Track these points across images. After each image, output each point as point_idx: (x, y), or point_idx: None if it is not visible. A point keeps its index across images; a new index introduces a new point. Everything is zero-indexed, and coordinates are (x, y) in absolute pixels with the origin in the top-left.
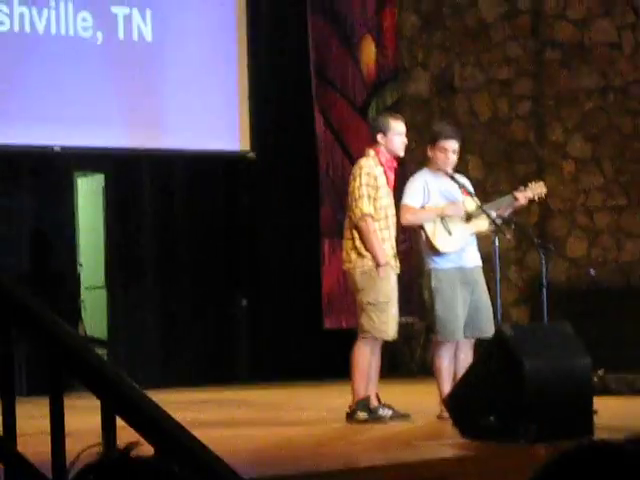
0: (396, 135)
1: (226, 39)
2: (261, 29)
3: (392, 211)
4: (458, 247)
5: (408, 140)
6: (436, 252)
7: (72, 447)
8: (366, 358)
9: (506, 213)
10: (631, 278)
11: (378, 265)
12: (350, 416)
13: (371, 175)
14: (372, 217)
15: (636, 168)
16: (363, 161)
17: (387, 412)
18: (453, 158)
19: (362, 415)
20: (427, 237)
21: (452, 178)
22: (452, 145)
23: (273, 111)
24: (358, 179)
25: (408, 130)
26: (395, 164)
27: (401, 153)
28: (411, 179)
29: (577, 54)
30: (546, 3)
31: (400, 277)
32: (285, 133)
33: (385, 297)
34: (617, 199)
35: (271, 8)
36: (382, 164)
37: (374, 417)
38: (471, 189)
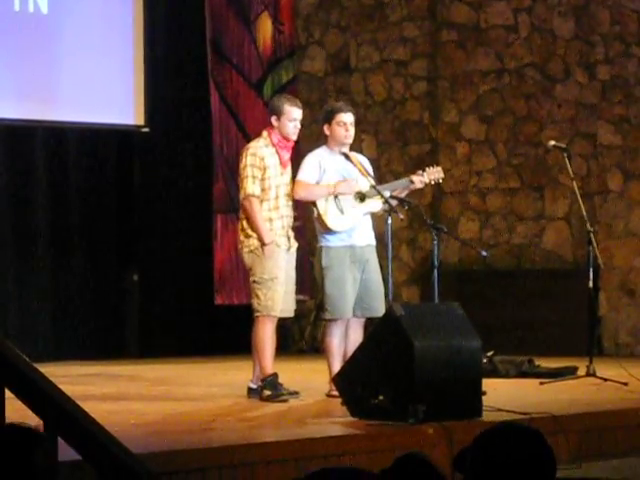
0: (289, 121)
1: (122, 13)
2: (158, 3)
3: (285, 190)
4: (349, 226)
5: (303, 117)
6: (327, 230)
7: None
8: (267, 335)
9: (402, 194)
10: (522, 260)
11: (263, 244)
12: (254, 391)
13: (257, 156)
14: (257, 197)
15: (529, 151)
16: (252, 142)
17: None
18: (352, 131)
19: (266, 392)
20: (319, 214)
21: (346, 157)
22: (349, 118)
23: (168, 86)
24: (244, 160)
25: (303, 107)
26: (291, 144)
27: (293, 137)
28: (307, 155)
29: (473, 36)
30: None
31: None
32: (180, 108)
33: (270, 274)
34: (509, 181)
35: None
36: (274, 144)
37: (277, 394)
38: (369, 168)
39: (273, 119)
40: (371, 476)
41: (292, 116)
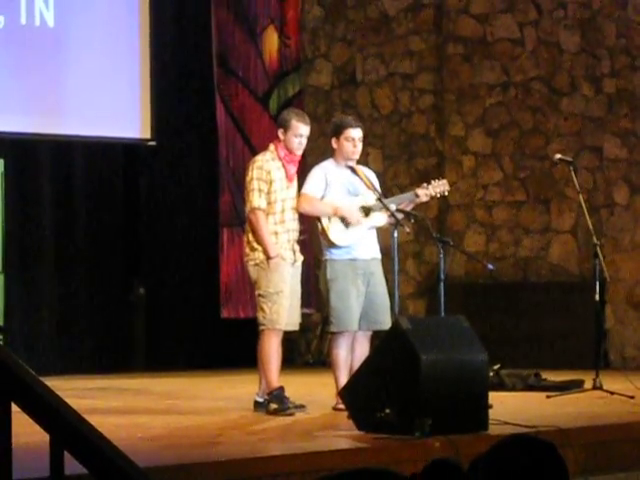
0: (294, 136)
1: (128, 26)
2: (164, 17)
3: (291, 204)
4: (352, 240)
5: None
6: (331, 244)
7: None
8: (273, 348)
9: (408, 208)
10: (528, 274)
11: (269, 258)
12: (261, 405)
13: (263, 169)
14: (263, 210)
15: (535, 164)
16: (258, 155)
17: (294, 405)
18: (360, 146)
19: (273, 406)
20: (323, 229)
21: (352, 170)
22: (357, 133)
23: (175, 99)
24: (250, 173)
25: (309, 120)
26: (297, 157)
27: (297, 153)
28: (314, 168)
29: (479, 49)
30: None
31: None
32: (186, 121)
33: (275, 288)
34: (516, 195)
35: None
36: (280, 158)
37: (283, 408)
38: (375, 182)
39: (280, 132)
40: (401, 479)
41: (298, 131)
